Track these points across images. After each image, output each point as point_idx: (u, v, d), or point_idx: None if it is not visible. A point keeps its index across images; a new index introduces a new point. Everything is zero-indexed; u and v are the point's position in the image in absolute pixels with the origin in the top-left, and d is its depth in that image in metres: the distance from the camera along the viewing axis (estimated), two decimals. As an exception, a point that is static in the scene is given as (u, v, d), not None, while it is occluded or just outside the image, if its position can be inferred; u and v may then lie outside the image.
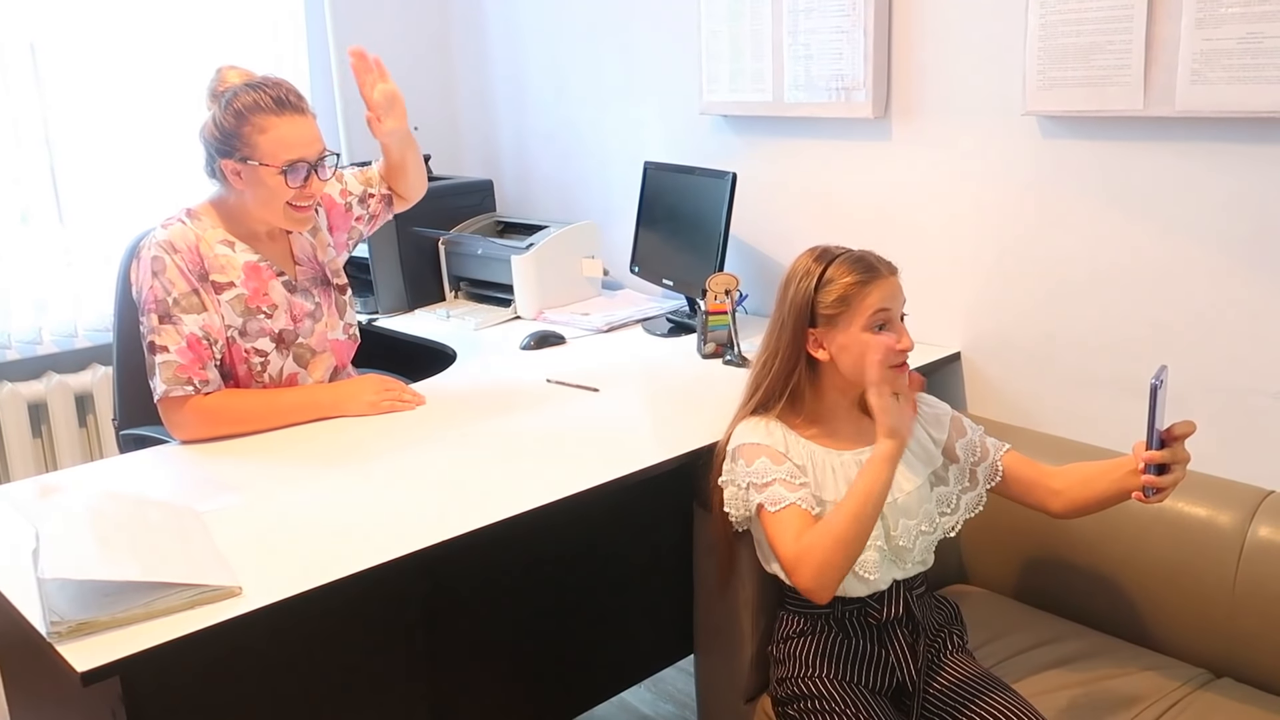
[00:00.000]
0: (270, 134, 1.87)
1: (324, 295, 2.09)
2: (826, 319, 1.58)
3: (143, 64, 2.85)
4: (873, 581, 1.61)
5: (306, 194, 1.93)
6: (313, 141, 1.92)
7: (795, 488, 1.57)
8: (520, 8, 3.15)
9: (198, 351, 1.90)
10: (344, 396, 2.01)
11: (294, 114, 1.89)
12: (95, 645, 1.22)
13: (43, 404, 2.84)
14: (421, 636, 1.79)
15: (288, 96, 1.90)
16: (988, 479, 1.69)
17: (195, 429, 1.91)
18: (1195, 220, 1.87)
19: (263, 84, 1.90)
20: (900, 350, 1.56)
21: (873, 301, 1.57)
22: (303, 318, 2.04)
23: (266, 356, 1.98)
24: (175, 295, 1.90)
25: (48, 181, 2.79)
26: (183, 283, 1.90)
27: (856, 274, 1.58)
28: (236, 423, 1.93)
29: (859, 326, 1.57)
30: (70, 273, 2.84)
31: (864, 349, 1.55)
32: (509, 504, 1.58)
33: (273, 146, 1.87)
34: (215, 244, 1.95)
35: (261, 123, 1.86)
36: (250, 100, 1.87)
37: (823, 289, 1.58)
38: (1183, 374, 1.93)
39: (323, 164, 1.94)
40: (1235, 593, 1.75)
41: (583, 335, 2.55)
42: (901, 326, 1.59)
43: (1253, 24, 1.68)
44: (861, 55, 2.23)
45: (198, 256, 1.93)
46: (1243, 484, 1.84)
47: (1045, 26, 1.93)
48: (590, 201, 3.07)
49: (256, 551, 1.45)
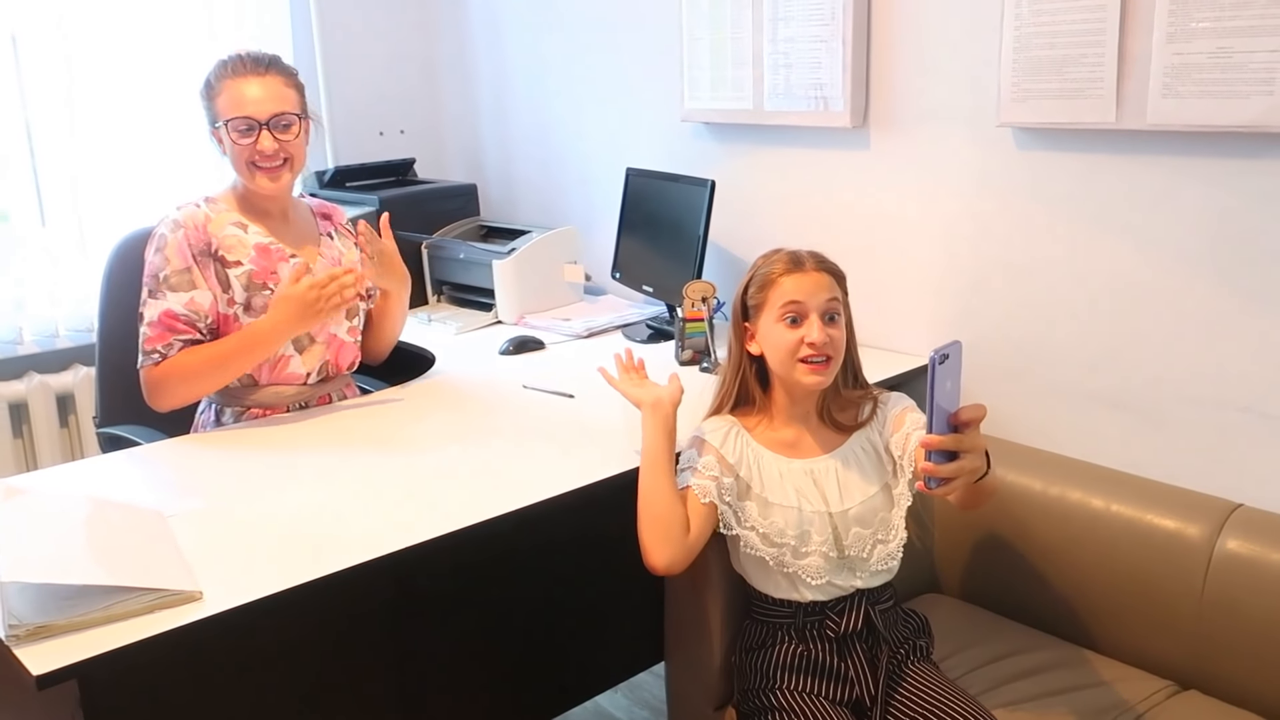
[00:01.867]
0: (225, 95, 1.98)
1: None
2: (754, 310, 1.64)
3: (126, 57, 2.85)
4: (819, 587, 1.62)
5: (261, 152, 1.97)
6: (264, 100, 1.97)
7: (701, 475, 1.62)
8: (504, 13, 3.16)
9: (170, 324, 1.96)
10: (280, 317, 1.97)
11: (250, 75, 1.98)
12: (52, 649, 1.22)
13: (23, 404, 2.84)
14: (387, 642, 1.79)
15: (248, 61, 1.99)
16: (909, 471, 1.64)
17: (155, 395, 1.98)
18: (1167, 233, 1.88)
19: (234, 54, 2.01)
20: (808, 345, 1.57)
21: (785, 291, 1.59)
22: None
23: None
24: (167, 272, 1.97)
25: (29, 180, 2.79)
26: (179, 259, 1.97)
27: (780, 265, 1.62)
28: (187, 379, 1.96)
29: (773, 317, 1.60)
30: (52, 272, 2.83)
31: (775, 341, 1.60)
32: (475, 510, 1.59)
33: (226, 106, 1.97)
34: (227, 225, 2.03)
35: (219, 86, 1.98)
36: (219, 69, 2.00)
37: (753, 280, 1.64)
38: (1154, 385, 1.94)
39: (277, 124, 1.97)
40: (1203, 605, 1.76)
41: (562, 341, 2.56)
42: (816, 321, 1.58)
43: (1223, 39, 1.69)
44: (840, 64, 2.24)
45: (205, 235, 2.00)
46: (1212, 496, 1.84)
47: (1019, 39, 1.93)
48: (573, 207, 3.07)
49: (221, 555, 1.46)
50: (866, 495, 1.64)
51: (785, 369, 1.61)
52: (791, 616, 1.65)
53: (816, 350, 1.58)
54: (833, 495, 1.63)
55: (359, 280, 2.01)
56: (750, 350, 1.66)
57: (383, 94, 3.36)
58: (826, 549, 1.62)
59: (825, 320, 1.60)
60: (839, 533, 1.62)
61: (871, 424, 1.69)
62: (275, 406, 2.07)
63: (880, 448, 1.68)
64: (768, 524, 1.62)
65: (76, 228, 2.85)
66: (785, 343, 1.59)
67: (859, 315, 1.72)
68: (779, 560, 1.62)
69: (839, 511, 1.62)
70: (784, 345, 1.59)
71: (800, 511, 1.62)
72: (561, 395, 2.12)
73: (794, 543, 1.61)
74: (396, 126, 3.41)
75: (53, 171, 2.80)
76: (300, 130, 2.01)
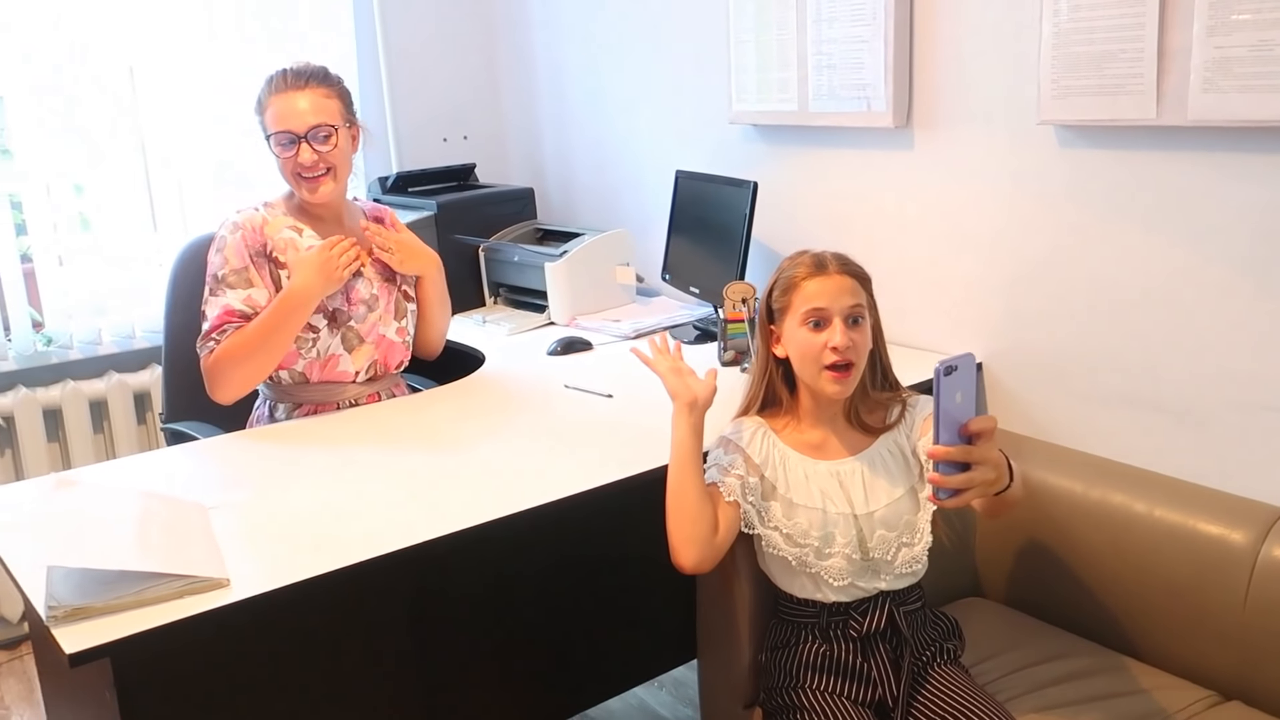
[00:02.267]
0: (269, 110, 2.07)
1: (385, 290, 2.19)
2: (778, 313, 1.64)
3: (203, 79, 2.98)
4: (842, 588, 1.62)
5: (298, 162, 2.05)
6: (303, 114, 2.04)
7: (726, 472, 1.64)
8: (562, 23, 3.21)
9: (225, 318, 2.04)
10: (303, 283, 2.04)
11: (291, 90, 2.06)
12: (87, 629, 1.29)
13: (103, 401, 2.98)
14: (415, 634, 1.84)
15: (289, 76, 2.07)
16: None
17: (214, 384, 2.04)
18: (1210, 232, 1.83)
19: (279, 70, 2.09)
20: (831, 349, 1.57)
21: (808, 295, 1.60)
22: (357, 301, 2.14)
23: (318, 333, 2.10)
24: (225, 271, 2.06)
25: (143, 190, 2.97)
26: (237, 259, 2.06)
27: (804, 268, 1.62)
28: (237, 360, 2.02)
29: (797, 320, 1.61)
30: (128, 276, 2.98)
31: (799, 344, 1.60)
32: (504, 505, 1.63)
33: (271, 120, 2.07)
34: (282, 228, 2.11)
35: (266, 102, 2.08)
36: (264, 86, 2.09)
37: (777, 284, 1.65)
38: (1197, 387, 1.90)
39: (316, 136, 2.04)
40: (1246, 613, 1.71)
41: (610, 342, 2.59)
42: (840, 325, 1.58)
43: (1264, 31, 1.64)
44: (882, 64, 2.23)
45: (261, 236, 2.09)
46: (1258, 501, 1.79)
47: (1058, 35, 1.91)
48: (627, 210, 3.11)
49: (255, 546, 1.52)
50: (892, 498, 1.64)
51: (810, 373, 1.61)
52: (815, 616, 1.65)
53: (840, 355, 1.58)
54: (858, 497, 1.63)
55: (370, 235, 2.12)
56: (776, 353, 1.67)
57: (447, 101, 3.44)
58: (850, 551, 1.62)
59: (849, 324, 1.60)
60: (863, 535, 1.62)
61: (900, 427, 1.69)
62: (325, 404, 2.14)
63: (907, 451, 1.68)
64: (791, 525, 1.63)
65: (152, 233, 2.98)
66: (809, 346, 1.59)
67: (899, 315, 1.72)
68: (801, 560, 1.63)
69: (864, 514, 1.62)
70: (808, 349, 1.59)
71: (824, 513, 1.62)
72: (600, 395, 2.16)
73: (817, 544, 1.62)
74: (460, 132, 3.48)
75: (134, 182, 2.95)
76: (339, 140, 2.07)
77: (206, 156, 3.01)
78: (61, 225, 2.87)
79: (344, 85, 2.13)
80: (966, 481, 1.37)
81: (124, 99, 2.90)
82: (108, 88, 2.87)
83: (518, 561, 1.98)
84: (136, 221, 2.97)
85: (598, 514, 2.02)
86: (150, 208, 2.98)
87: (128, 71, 2.90)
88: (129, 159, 2.93)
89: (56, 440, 2.96)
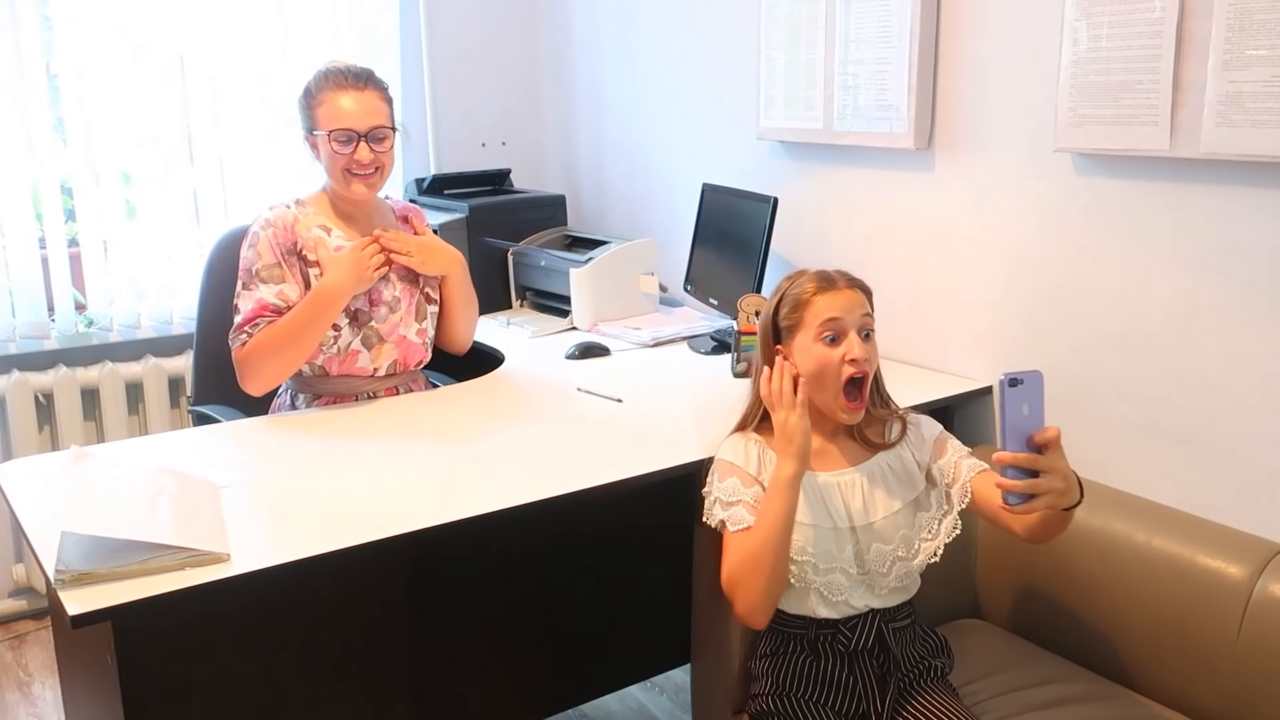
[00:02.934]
0: (326, 106, 2.11)
1: (407, 292, 2.24)
2: (787, 330, 1.64)
3: (251, 72, 3.07)
4: (839, 604, 1.64)
5: (356, 160, 2.11)
6: (364, 114, 2.11)
7: (731, 505, 1.62)
8: (601, 34, 3.27)
9: (259, 311, 2.10)
10: (335, 281, 2.09)
11: (351, 89, 2.11)
12: (92, 594, 1.35)
13: (139, 383, 3.07)
14: (409, 620, 1.89)
15: (349, 76, 2.12)
16: (960, 500, 1.66)
17: (246, 374, 2.10)
18: (1220, 265, 1.83)
19: (334, 67, 2.14)
20: (850, 361, 1.59)
21: (821, 309, 1.60)
22: (380, 303, 2.19)
23: (340, 330, 2.15)
24: (259, 266, 2.12)
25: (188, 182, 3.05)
26: (269, 254, 2.12)
27: (812, 284, 1.63)
28: (269, 353, 2.07)
29: (811, 336, 1.61)
30: (168, 265, 3.07)
31: (815, 360, 1.60)
32: (501, 497, 1.67)
33: (327, 116, 2.11)
34: (312, 227, 2.17)
35: (321, 97, 2.12)
36: (319, 80, 2.14)
37: (783, 301, 1.65)
38: (1204, 418, 1.90)
39: (374, 136, 2.11)
40: (1239, 649, 1.70)
41: (629, 349, 2.63)
42: (856, 339, 1.61)
43: (1278, 67, 1.65)
44: (906, 87, 2.26)
45: (292, 234, 2.14)
46: (1257, 537, 1.79)
47: (1077, 64, 1.92)
48: (656, 220, 3.15)
49: (261, 524, 1.58)
50: (890, 510, 1.66)
51: (825, 389, 1.61)
52: (804, 629, 1.67)
53: (857, 366, 1.60)
54: (857, 509, 1.65)
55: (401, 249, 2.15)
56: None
57: (487, 107, 3.51)
58: (847, 564, 1.63)
59: (862, 336, 1.62)
60: (860, 547, 1.64)
61: (904, 443, 1.71)
62: (345, 396, 2.21)
63: (913, 467, 1.69)
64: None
65: (194, 226, 3.08)
66: (826, 361, 1.60)
67: (914, 335, 1.73)
68: (802, 578, 1.63)
69: (863, 525, 1.64)
70: (825, 362, 1.60)
71: (821, 529, 1.63)
72: (611, 400, 2.20)
73: (814, 559, 1.63)
74: (498, 138, 3.55)
75: (177, 174, 3.05)
76: (391, 141, 2.15)
77: (251, 151, 3.09)
78: (109, 213, 2.96)
79: (389, 91, 2.20)
80: (1033, 487, 1.41)
81: (174, 89, 2.99)
82: (158, 76, 2.96)
83: (517, 554, 2.02)
84: (180, 213, 3.06)
85: (599, 511, 2.06)
86: (194, 200, 3.08)
87: (178, 60, 2.99)
88: (176, 150, 3.03)
89: (93, 419, 3.06)
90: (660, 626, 2.23)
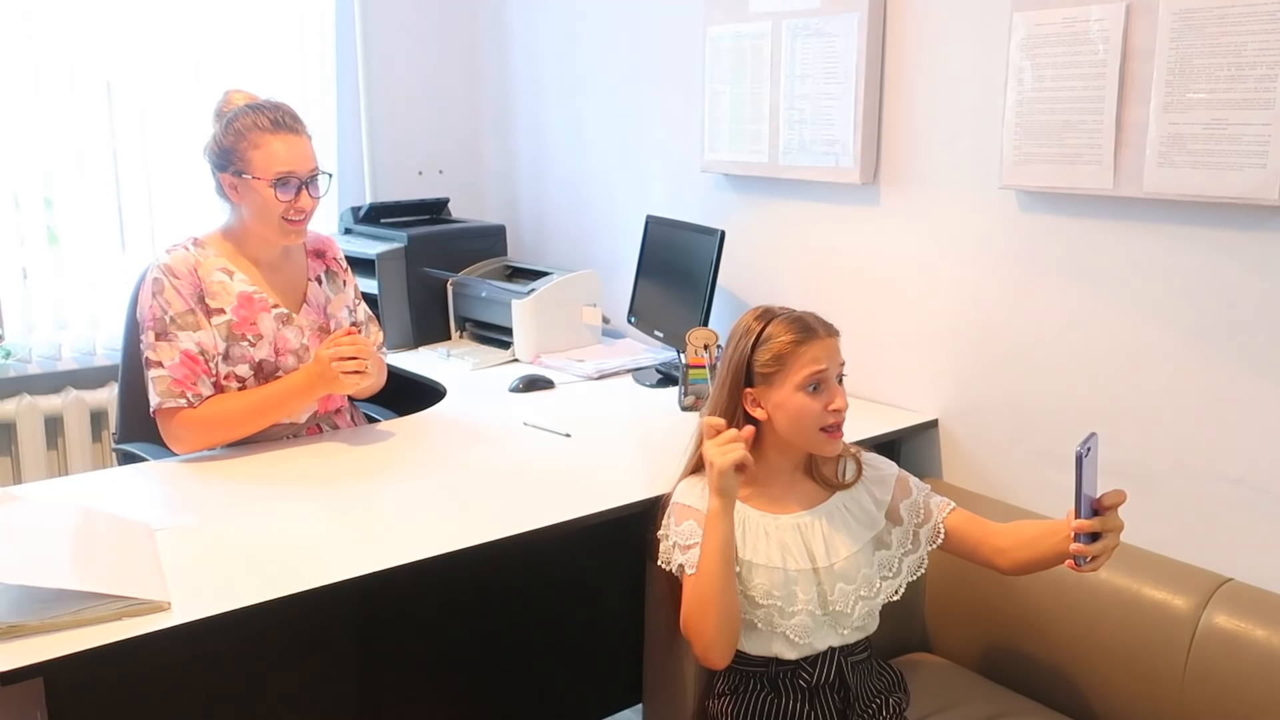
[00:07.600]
0: (263, 150, 1.99)
1: (315, 340, 2.14)
2: (763, 378, 1.61)
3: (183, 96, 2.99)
4: (803, 645, 1.62)
5: (298, 207, 2.03)
6: (304, 159, 2.03)
7: (690, 549, 1.59)
8: (543, 64, 3.25)
9: (191, 366, 1.99)
10: (313, 376, 2.03)
11: (288, 133, 2.02)
12: (21, 648, 1.27)
13: (59, 417, 2.95)
14: (355, 667, 1.82)
15: (284, 118, 2.03)
16: (930, 540, 1.68)
17: (189, 440, 2.01)
18: (1160, 301, 1.87)
19: (263, 106, 2.04)
20: (833, 410, 1.59)
21: (807, 361, 1.59)
22: (286, 352, 2.10)
23: (245, 383, 2.06)
24: (172, 314, 2.00)
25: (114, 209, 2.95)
26: (179, 302, 2.01)
27: (793, 333, 1.60)
28: (227, 426, 2.01)
29: (793, 386, 1.59)
30: (91, 294, 2.96)
31: (798, 409, 1.59)
32: (445, 540, 1.62)
33: (265, 161, 1.99)
34: (214, 271, 2.05)
35: (256, 140, 2.00)
36: (249, 121, 2.01)
37: (759, 348, 1.61)
38: (1145, 454, 1.93)
39: (314, 181, 2.04)
40: (1185, 681, 1.73)
41: (573, 381, 2.60)
42: (838, 387, 1.61)
43: (1217, 110, 1.70)
44: (851, 122, 2.28)
45: (196, 279, 2.03)
46: (1201, 569, 1.82)
47: (1021, 102, 1.95)
48: (599, 252, 3.13)
49: (199, 570, 1.51)
50: (851, 550, 1.65)
51: (805, 435, 1.61)
52: (765, 666, 1.65)
53: (840, 416, 1.60)
54: (819, 550, 1.64)
55: (355, 343, 2.02)
56: (755, 415, 1.62)
57: (424, 135, 3.46)
58: (812, 607, 1.62)
59: (838, 382, 1.62)
60: (824, 588, 1.63)
61: (861, 483, 1.70)
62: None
63: (870, 507, 1.69)
64: (753, 586, 1.62)
65: (119, 252, 2.97)
66: (810, 411, 1.58)
67: (861, 369, 1.73)
68: (768, 621, 1.62)
69: (825, 567, 1.63)
70: (808, 413, 1.58)
71: (785, 571, 1.62)
72: (558, 434, 2.16)
73: (780, 602, 1.61)
74: (435, 167, 3.50)
75: (103, 200, 2.94)
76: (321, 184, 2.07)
77: (179, 180, 3.00)
78: (29, 239, 2.85)
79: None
80: (1102, 549, 1.48)
81: (100, 114, 2.90)
82: (85, 102, 2.87)
83: (465, 597, 1.96)
84: (105, 240, 2.95)
85: (548, 551, 2.01)
86: (120, 227, 2.97)
87: (105, 86, 2.90)
88: (101, 176, 2.92)
89: (8, 455, 2.92)
90: (612, 666, 2.18)
